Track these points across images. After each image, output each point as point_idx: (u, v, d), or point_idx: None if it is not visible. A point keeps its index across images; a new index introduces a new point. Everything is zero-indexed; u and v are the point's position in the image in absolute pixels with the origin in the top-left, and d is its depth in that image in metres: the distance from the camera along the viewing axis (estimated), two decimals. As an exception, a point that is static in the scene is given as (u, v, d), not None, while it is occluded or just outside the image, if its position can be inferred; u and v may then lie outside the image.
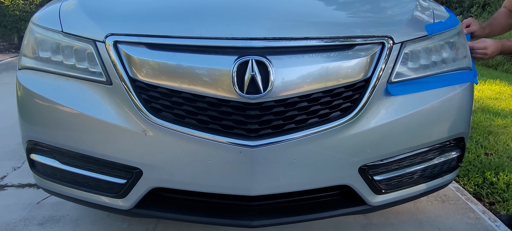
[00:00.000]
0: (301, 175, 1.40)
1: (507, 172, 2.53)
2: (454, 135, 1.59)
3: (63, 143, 1.47)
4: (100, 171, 1.48)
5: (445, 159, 1.63)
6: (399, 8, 1.65)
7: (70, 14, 1.50)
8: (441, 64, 1.56)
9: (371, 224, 1.96)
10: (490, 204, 2.22)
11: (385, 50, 1.40)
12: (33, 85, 1.50)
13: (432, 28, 1.52)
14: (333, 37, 1.37)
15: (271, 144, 1.34)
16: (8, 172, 2.53)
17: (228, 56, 1.30)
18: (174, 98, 1.35)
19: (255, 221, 1.45)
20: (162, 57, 1.33)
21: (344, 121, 1.37)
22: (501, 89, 5.08)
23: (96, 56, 1.39)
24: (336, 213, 1.54)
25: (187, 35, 1.33)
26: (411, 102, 1.47)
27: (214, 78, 1.30)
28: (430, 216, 2.04)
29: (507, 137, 3.20)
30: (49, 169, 1.56)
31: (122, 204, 1.49)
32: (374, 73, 1.39)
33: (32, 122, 1.54)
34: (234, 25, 1.35)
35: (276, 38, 1.32)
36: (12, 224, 1.95)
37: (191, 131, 1.34)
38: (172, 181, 1.41)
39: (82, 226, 1.93)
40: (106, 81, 1.39)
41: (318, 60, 1.35)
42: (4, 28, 9.02)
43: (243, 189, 1.40)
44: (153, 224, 1.94)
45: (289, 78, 1.31)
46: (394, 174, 1.53)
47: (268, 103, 1.32)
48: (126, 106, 1.37)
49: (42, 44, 1.50)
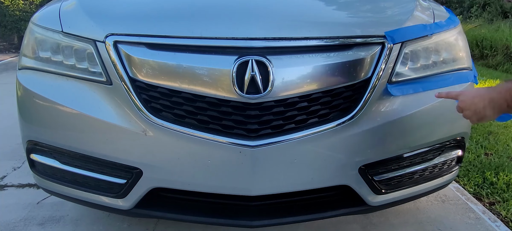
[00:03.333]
0: (301, 175, 1.40)
1: (507, 172, 2.53)
2: (454, 135, 1.59)
3: (63, 143, 1.47)
4: (100, 171, 1.48)
5: (445, 159, 1.63)
6: (399, 8, 1.65)
7: (70, 14, 1.50)
8: (441, 64, 1.55)
9: (371, 224, 1.96)
10: (490, 204, 2.22)
11: (385, 50, 1.40)
12: (33, 85, 1.50)
13: (432, 28, 1.52)
14: (333, 37, 1.37)
15: (271, 144, 1.33)
16: (8, 172, 2.53)
17: (228, 56, 1.30)
18: (174, 99, 1.34)
19: (255, 221, 1.45)
20: (162, 57, 1.33)
21: (344, 121, 1.37)
22: (501, 89, 5.07)
23: (96, 56, 1.39)
24: (336, 213, 1.54)
25: (187, 35, 1.33)
26: (411, 102, 1.47)
27: (214, 78, 1.30)
28: (430, 216, 2.04)
29: (507, 137, 3.20)
30: (49, 169, 1.56)
31: (122, 204, 1.49)
32: (374, 73, 1.39)
33: (32, 122, 1.54)
34: (234, 25, 1.35)
35: (276, 38, 1.32)
36: (12, 224, 1.95)
37: (191, 131, 1.34)
38: (172, 181, 1.41)
39: (82, 226, 1.93)
40: (106, 81, 1.39)
41: (318, 60, 1.34)
42: (4, 28, 9.02)
43: (243, 189, 1.40)
44: (153, 224, 1.94)
45: (289, 78, 1.31)
46: (394, 174, 1.53)
47: (268, 103, 1.32)
48: (126, 106, 1.37)
49: (42, 44, 1.50)
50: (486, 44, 7.39)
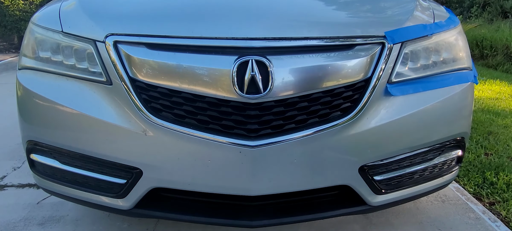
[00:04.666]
0: (301, 175, 1.40)
1: (507, 172, 2.53)
2: (454, 135, 1.59)
3: (63, 143, 1.47)
4: (100, 171, 1.48)
5: (445, 159, 1.63)
6: (399, 8, 1.65)
7: (70, 14, 1.50)
8: (441, 64, 1.55)
9: (371, 224, 1.96)
10: (490, 204, 2.22)
11: (385, 50, 1.40)
12: (33, 85, 1.50)
13: (432, 28, 1.52)
14: (333, 37, 1.37)
15: (271, 144, 1.33)
16: (8, 172, 2.53)
17: (228, 56, 1.30)
18: (174, 99, 1.34)
19: (255, 221, 1.45)
20: (162, 57, 1.33)
21: (344, 121, 1.37)
22: (501, 89, 5.08)
23: (96, 56, 1.39)
24: (336, 213, 1.54)
25: (187, 35, 1.33)
26: (411, 102, 1.47)
27: (214, 78, 1.30)
28: (430, 216, 2.04)
29: (507, 137, 3.20)
30: (49, 169, 1.56)
31: (122, 204, 1.49)
32: (374, 73, 1.39)
33: (32, 122, 1.54)
34: (234, 25, 1.35)
35: (276, 38, 1.32)
36: (12, 224, 1.95)
37: (191, 131, 1.34)
38: (172, 181, 1.41)
39: (82, 226, 1.93)
40: (106, 81, 1.39)
41: (318, 60, 1.34)
42: (4, 28, 9.03)
43: (243, 189, 1.40)
44: (153, 224, 1.94)
45: (289, 78, 1.31)
46: (394, 174, 1.53)
47: (268, 103, 1.32)
48: (126, 106, 1.37)
49: (42, 44, 1.50)
50: (486, 44, 7.40)
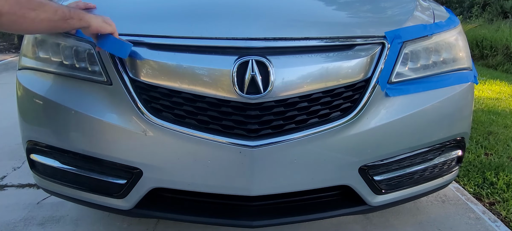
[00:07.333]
0: (301, 175, 1.40)
1: (507, 172, 2.53)
2: (454, 135, 1.59)
3: (63, 143, 1.47)
4: (100, 171, 1.48)
5: (445, 159, 1.63)
6: (399, 8, 1.65)
7: (70, 14, 1.50)
8: (441, 65, 1.55)
9: (371, 224, 1.96)
10: (490, 204, 2.22)
11: (385, 50, 1.40)
12: (33, 85, 1.50)
13: (432, 28, 1.52)
14: (333, 37, 1.37)
15: (271, 144, 1.33)
16: (8, 172, 2.53)
17: (228, 56, 1.30)
18: (174, 99, 1.34)
19: (255, 221, 1.45)
20: (162, 57, 1.33)
21: (344, 121, 1.37)
22: (501, 89, 5.08)
23: (96, 56, 1.39)
24: (336, 213, 1.54)
25: (187, 35, 1.33)
26: (411, 102, 1.47)
27: (214, 79, 1.30)
28: (430, 216, 2.04)
29: (507, 137, 3.20)
30: (49, 169, 1.56)
31: (122, 204, 1.49)
32: (374, 73, 1.39)
33: (32, 122, 1.54)
34: (234, 25, 1.35)
35: (276, 38, 1.32)
36: (12, 224, 1.95)
37: (191, 131, 1.34)
38: (172, 181, 1.41)
39: (82, 226, 1.93)
40: (106, 81, 1.39)
41: (318, 60, 1.34)
42: (4, 28, 9.02)
43: (243, 189, 1.40)
44: (153, 224, 1.94)
45: (289, 79, 1.31)
46: (394, 174, 1.53)
47: (268, 103, 1.32)
48: (126, 106, 1.37)
49: (42, 45, 1.50)
50: (486, 44, 7.40)
